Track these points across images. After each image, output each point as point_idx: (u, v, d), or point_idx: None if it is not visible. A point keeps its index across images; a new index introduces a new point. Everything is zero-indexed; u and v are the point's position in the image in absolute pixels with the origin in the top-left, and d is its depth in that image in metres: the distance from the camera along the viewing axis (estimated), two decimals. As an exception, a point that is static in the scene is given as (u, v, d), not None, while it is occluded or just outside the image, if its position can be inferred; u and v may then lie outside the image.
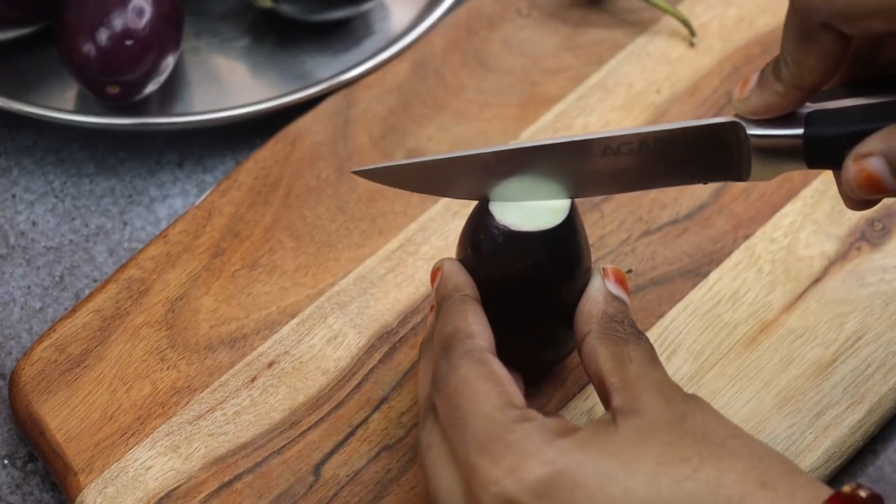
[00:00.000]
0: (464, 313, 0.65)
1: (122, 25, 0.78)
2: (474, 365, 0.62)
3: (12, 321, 0.77)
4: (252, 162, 0.79)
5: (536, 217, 0.66)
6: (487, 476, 0.59)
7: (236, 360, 0.74)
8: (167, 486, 0.70)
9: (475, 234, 0.67)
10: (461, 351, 0.63)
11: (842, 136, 0.61)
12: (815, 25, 0.60)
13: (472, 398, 0.61)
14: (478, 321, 0.64)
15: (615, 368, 0.62)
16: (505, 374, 0.62)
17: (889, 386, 0.72)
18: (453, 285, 0.66)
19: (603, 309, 0.65)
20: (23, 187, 0.82)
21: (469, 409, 0.61)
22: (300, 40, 0.86)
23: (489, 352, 0.63)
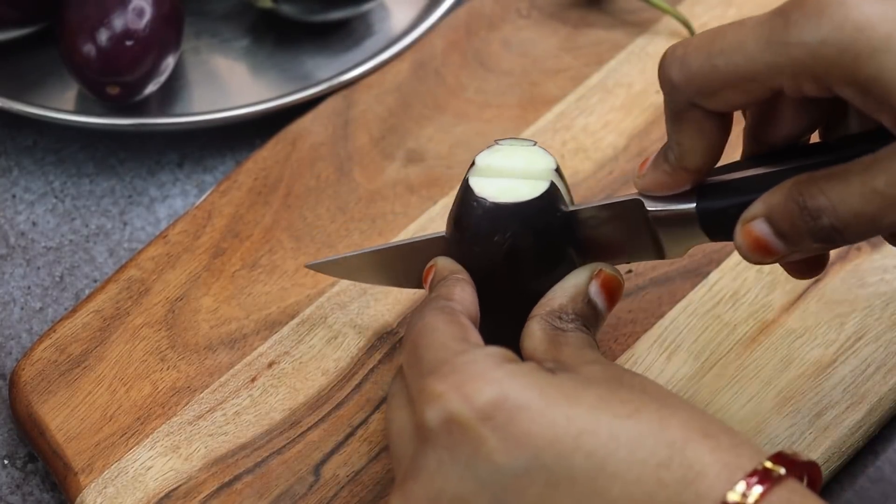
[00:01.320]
0: (451, 286, 0.65)
1: (122, 26, 0.78)
2: (441, 314, 0.63)
3: (12, 321, 0.77)
4: (252, 162, 0.79)
5: (516, 189, 0.66)
6: (432, 392, 0.59)
7: (236, 360, 0.74)
8: (167, 486, 0.70)
9: (457, 209, 0.67)
10: (432, 305, 0.64)
11: (729, 207, 0.63)
12: (683, 106, 0.62)
13: (429, 334, 0.62)
14: (464, 293, 0.65)
15: (549, 349, 0.63)
16: (470, 326, 0.63)
17: (889, 386, 0.72)
18: (449, 271, 0.67)
19: (562, 304, 0.66)
20: (23, 187, 0.82)
21: (424, 343, 0.61)
22: (300, 40, 0.86)
23: (463, 313, 0.64)
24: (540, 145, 0.68)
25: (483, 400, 0.58)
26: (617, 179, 0.79)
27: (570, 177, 0.78)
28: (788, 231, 0.61)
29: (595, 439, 0.57)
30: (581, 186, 0.79)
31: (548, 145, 0.79)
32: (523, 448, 0.57)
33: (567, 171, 0.78)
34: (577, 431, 0.57)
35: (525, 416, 0.57)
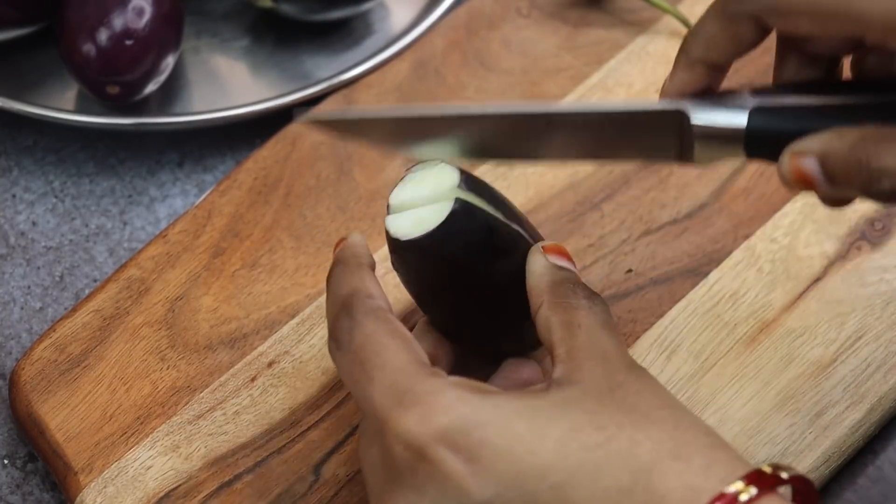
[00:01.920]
0: (360, 276, 0.64)
1: (122, 25, 0.78)
2: (379, 322, 0.61)
3: (12, 321, 0.77)
4: (252, 162, 0.79)
5: (424, 220, 0.64)
6: (397, 426, 0.58)
7: (236, 359, 0.74)
8: (167, 485, 0.70)
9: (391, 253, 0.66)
10: (363, 309, 0.62)
11: (782, 133, 0.61)
12: (744, 13, 0.60)
13: (379, 352, 0.60)
14: (374, 284, 0.64)
15: (563, 338, 0.62)
16: (409, 333, 0.62)
17: (889, 386, 0.72)
18: (352, 253, 0.65)
19: (549, 280, 0.64)
20: (23, 187, 0.82)
21: (377, 363, 0.60)
22: (300, 40, 0.86)
23: (390, 312, 0.63)
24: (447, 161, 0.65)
25: (448, 430, 0.57)
26: (618, 178, 0.79)
27: (570, 176, 0.78)
28: (840, 178, 0.60)
29: (559, 474, 0.56)
30: (582, 185, 0.78)
31: (548, 145, 0.79)
32: (489, 480, 0.57)
33: (567, 171, 0.78)
34: (543, 466, 0.57)
35: (489, 452, 0.57)
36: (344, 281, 0.64)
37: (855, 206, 0.77)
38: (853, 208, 0.77)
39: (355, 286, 0.63)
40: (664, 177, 0.78)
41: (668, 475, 0.56)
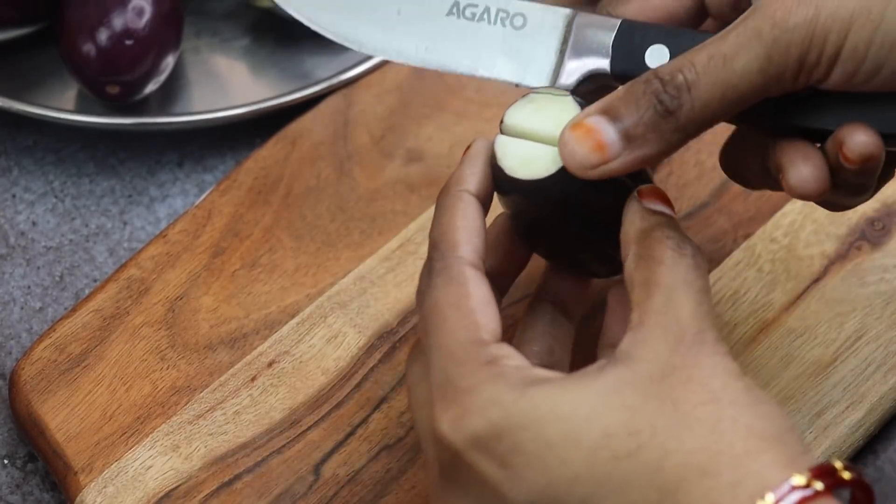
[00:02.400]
0: (452, 214, 0.62)
1: (122, 25, 0.78)
2: (449, 286, 0.60)
3: (12, 321, 0.77)
4: (252, 162, 0.79)
5: (535, 161, 0.63)
6: (437, 426, 0.58)
7: (236, 359, 0.74)
8: (167, 485, 0.70)
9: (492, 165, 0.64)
10: (440, 266, 0.61)
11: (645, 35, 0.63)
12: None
13: (440, 326, 0.60)
14: (466, 224, 0.62)
15: (640, 300, 0.59)
16: (481, 297, 0.60)
17: (889, 385, 0.72)
18: (458, 175, 0.64)
19: (638, 228, 0.61)
20: (23, 187, 0.82)
21: (435, 342, 0.60)
22: (300, 40, 0.86)
23: (470, 264, 0.61)
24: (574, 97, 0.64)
25: (480, 437, 0.57)
26: (617, 179, 0.79)
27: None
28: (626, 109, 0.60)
29: (587, 486, 0.56)
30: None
31: (548, 144, 0.79)
32: (523, 487, 0.57)
33: (567, 171, 0.78)
34: (572, 477, 0.56)
35: (521, 459, 0.57)
36: (437, 219, 0.63)
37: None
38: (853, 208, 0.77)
39: (443, 230, 0.62)
40: (664, 177, 0.78)
41: (693, 494, 0.55)
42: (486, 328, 0.60)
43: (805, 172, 0.61)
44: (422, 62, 0.67)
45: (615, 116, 0.60)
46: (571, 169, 0.61)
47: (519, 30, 0.66)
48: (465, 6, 0.67)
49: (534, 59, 0.66)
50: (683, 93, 0.59)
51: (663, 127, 0.60)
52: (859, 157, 0.60)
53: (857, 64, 0.58)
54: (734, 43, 0.59)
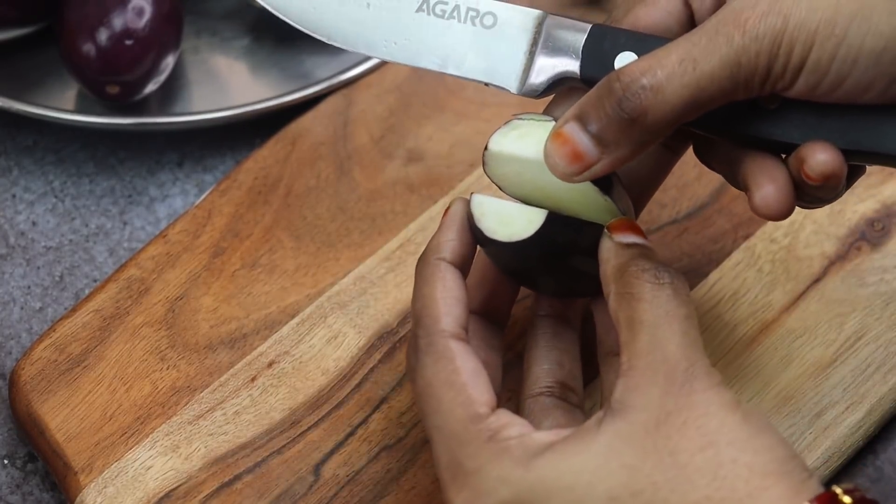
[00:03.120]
0: (432, 285, 0.63)
1: (122, 25, 0.78)
2: (438, 363, 0.61)
3: (12, 321, 0.77)
4: (252, 162, 0.79)
5: (512, 221, 0.64)
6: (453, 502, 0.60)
7: (236, 359, 0.74)
8: (167, 485, 0.70)
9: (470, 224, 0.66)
10: (426, 342, 0.62)
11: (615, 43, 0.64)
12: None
13: (437, 408, 0.61)
14: (446, 294, 0.63)
15: (627, 341, 0.60)
16: (470, 370, 0.61)
17: (889, 386, 0.72)
18: (435, 243, 0.65)
19: (614, 265, 0.62)
20: (23, 187, 0.82)
21: (435, 423, 0.61)
22: (300, 40, 0.86)
23: (455, 337, 0.62)
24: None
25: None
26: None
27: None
28: (595, 117, 0.61)
29: None
30: (581, 186, 0.78)
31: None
32: None
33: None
34: None
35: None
36: (418, 288, 0.64)
37: (855, 207, 0.77)
38: (853, 209, 0.77)
39: (424, 302, 0.63)
40: (664, 177, 0.78)
41: None
42: (480, 401, 0.61)
43: (769, 194, 0.62)
44: (391, 57, 0.68)
45: (586, 122, 0.61)
46: (558, 177, 0.62)
47: (489, 29, 0.67)
48: (435, 3, 0.67)
49: (503, 59, 0.67)
50: (649, 95, 0.60)
51: (631, 131, 0.61)
52: (820, 176, 0.61)
53: (821, 76, 0.60)
54: (704, 47, 0.60)
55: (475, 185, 0.78)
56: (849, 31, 0.59)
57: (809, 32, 0.59)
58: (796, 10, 0.59)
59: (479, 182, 0.78)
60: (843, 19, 0.59)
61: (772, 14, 0.59)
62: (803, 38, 0.59)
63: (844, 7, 0.59)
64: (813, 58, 0.59)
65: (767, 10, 0.59)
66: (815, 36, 0.59)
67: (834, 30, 0.59)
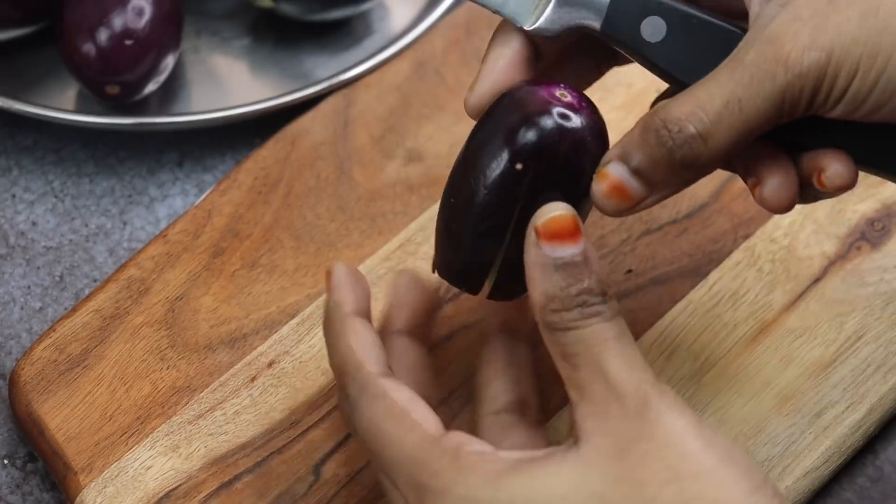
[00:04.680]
0: (346, 338, 0.63)
1: (122, 25, 0.78)
2: (374, 402, 0.61)
3: (12, 321, 0.77)
4: (252, 162, 0.79)
5: None
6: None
7: (236, 359, 0.74)
8: (167, 485, 0.70)
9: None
10: (355, 389, 0.62)
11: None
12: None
13: (387, 442, 0.60)
14: (361, 342, 0.63)
15: (569, 376, 0.59)
16: (406, 400, 0.61)
17: (889, 386, 0.72)
18: (334, 302, 0.64)
19: (542, 291, 0.59)
20: (23, 187, 0.82)
21: (389, 456, 0.60)
22: (300, 40, 0.86)
23: (382, 375, 0.62)
24: None
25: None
26: (617, 179, 0.79)
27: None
28: (645, 163, 0.60)
29: None
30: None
31: (548, 144, 0.79)
32: None
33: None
34: None
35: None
36: (333, 347, 0.64)
37: (855, 207, 0.77)
38: (853, 209, 0.77)
39: (342, 355, 0.63)
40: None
41: None
42: (426, 423, 0.60)
43: (779, 188, 0.62)
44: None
45: (631, 162, 0.61)
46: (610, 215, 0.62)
47: None
48: None
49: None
50: (699, 143, 0.59)
51: (681, 173, 0.61)
52: (834, 188, 0.62)
53: (859, 104, 0.59)
54: (748, 86, 0.59)
55: (475, 185, 0.78)
56: (889, 63, 0.58)
57: (853, 65, 0.59)
58: (839, 42, 0.58)
59: (479, 182, 0.78)
60: (883, 52, 0.58)
61: (814, 49, 0.59)
62: (846, 72, 0.59)
63: (884, 41, 0.58)
64: (854, 88, 0.59)
65: (810, 45, 0.59)
66: (858, 68, 0.59)
67: (875, 61, 0.58)
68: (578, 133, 0.62)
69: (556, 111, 0.62)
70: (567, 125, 0.61)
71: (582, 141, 0.62)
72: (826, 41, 0.58)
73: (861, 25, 0.58)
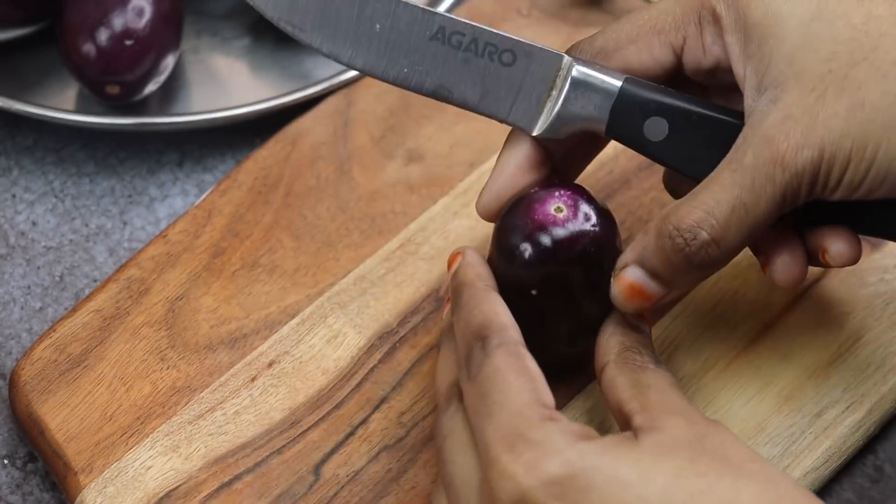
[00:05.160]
0: (492, 303, 0.65)
1: (122, 25, 0.78)
2: (510, 357, 0.62)
3: (12, 321, 0.77)
4: (252, 162, 0.79)
5: None
6: (505, 470, 0.59)
7: (236, 359, 0.74)
8: (167, 485, 0.70)
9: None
10: (497, 341, 0.63)
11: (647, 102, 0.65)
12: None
13: (503, 389, 0.61)
14: (505, 312, 0.65)
15: (634, 395, 0.63)
16: (538, 371, 0.63)
17: (889, 386, 0.72)
18: (475, 273, 0.66)
19: (620, 340, 0.66)
20: (23, 187, 0.82)
21: (498, 400, 0.61)
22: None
23: (523, 346, 0.64)
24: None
25: (554, 479, 0.58)
26: (617, 178, 0.79)
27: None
28: (662, 267, 0.64)
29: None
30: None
31: (548, 144, 0.79)
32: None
33: (567, 171, 0.78)
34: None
35: (594, 498, 0.58)
36: (476, 308, 0.65)
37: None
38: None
39: (488, 315, 0.64)
40: (664, 177, 0.78)
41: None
42: (547, 397, 0.62)
43: (789, 266, 0.66)
44: (394, 81, 0.68)
45: (652, 272, 0.64)
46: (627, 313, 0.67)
47: (508, 67, 0.67)
48: (452, 33, 0.67)
49: (523, 101, 0.67)
50: (713, 248, 0.63)
51: (697, 273, 0.64)
52: (839, 265, 0.66)
53: (855, 189, 0.63)
54: (750, 190, 0.62)
55: (475, 184, 0.78)
56: (877, 155, 0.61)
57: (844, 159, 0.62)
58: (829, 138, 0.61)
59: (480, 182, 0.78)
60: (872, 144, 0.61)
61: (807, 147, 0.62)
62: (839, 165, 0.62)
63: (871, 133, 0.61)
64: (847, 178, 0.62)
65: (803, 143, 0.62)
66: (850, 160, 0.62)
67: (865, 153, 0.61)
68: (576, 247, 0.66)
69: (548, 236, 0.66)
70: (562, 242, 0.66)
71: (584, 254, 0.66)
72: (817, 138, 0.61)
73: (848, 120, 0.61)
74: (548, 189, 0.67)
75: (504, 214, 0.68)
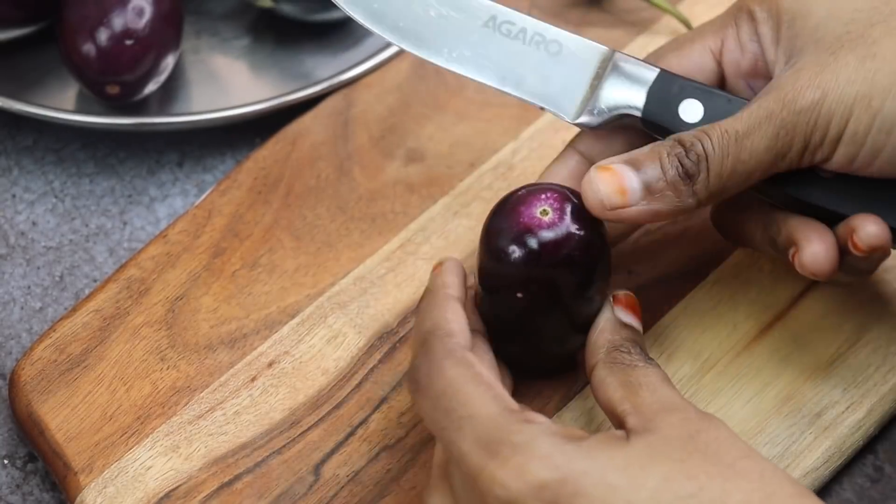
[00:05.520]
0: (442, 309, 0.65)
1: (122, 25, 0.78)
2: (459, 367, 0.62)
3: (12, 321, 0.77)
4: (252, 162, 0.79)
5: None
6: (494, 476, 0.59)
7: (236, 359, 0.74)
8: (167, 485, 0.70)
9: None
10: (442, 351, 0.63)
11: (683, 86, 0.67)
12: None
13: (465, 402, 0.61)
14: (457, 319, 0.64)
15: (626, 395, 0.63)
16: (492, 377, 0.62)
17: (889, 386, 0.72)
18: (442, 281, 0.66)
19: (609, 339, 0.66)
20: (23, 187, 0.82)
21: (464, 414, 0.60)
22: (300, 40, 0.86)
23: (470, 351, 0.63)
24: None
25: (544, 483, 0.58)
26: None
27: (570, 176, 0.78)
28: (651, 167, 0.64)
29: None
30: (581, 186, 0.79)
31: (549, 144, 0.79)
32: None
33: (567, 171, 0.78)
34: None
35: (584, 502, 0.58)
36: (427, 315, 0.65)
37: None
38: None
39: (436, 322, 0.64)
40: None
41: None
42: (509, 400, 0.61)
43: (819, 251, 0.65)
44: (451, 65, 0.70)
45: (640, 168, 0.64)
46: (591, 206, 0.65)
47: (554, 56, 0.69)
48: (502, 22, 0.69)
49: (564, 88, 0.69)
50: (701, 161, 0.63)
51: (681, 188, 0.64)
52: (868, 247, 0.64)
53: (858, 147, 0.63)
54: (747, 122, 0.63)
55: (475, 184, 0.78)
56: (884, 104, 0.62)
57: (847, 106, 0.62)
58: (834, 83, 0.62)
59: (480, 182, 0.78)
60: (878, 92, 0.62)
61: (811, 88, 0.63)
62: (840, 111, 0.62)
63: (879, 82, 0.62)
64: (850, 129, 0.62)
65: (807, 84, 0.63)
66: (853, 109, 0.62)
67: (870, 102, 0.62)
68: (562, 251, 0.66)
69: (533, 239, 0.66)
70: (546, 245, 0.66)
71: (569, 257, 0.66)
72: (822, 81, 0.62)
73: (857, 68, 0.62)
74: (534, 191, 0.67)
75: (491, 215, 0.68)
